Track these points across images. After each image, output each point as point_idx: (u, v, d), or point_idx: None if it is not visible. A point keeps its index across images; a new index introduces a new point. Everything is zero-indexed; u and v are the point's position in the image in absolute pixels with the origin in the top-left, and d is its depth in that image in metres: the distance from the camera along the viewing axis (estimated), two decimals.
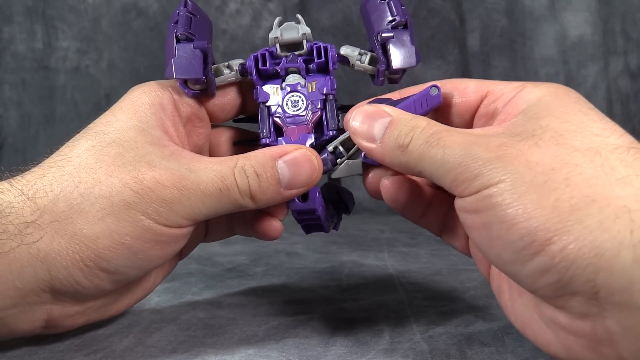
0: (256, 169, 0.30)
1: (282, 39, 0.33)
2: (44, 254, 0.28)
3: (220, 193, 0.30)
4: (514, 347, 0.31)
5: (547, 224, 0.23)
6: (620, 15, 0.84)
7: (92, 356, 0.31)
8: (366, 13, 0.34)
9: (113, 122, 0.31)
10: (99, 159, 0.29)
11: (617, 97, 0.85)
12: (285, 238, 0.62)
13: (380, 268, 0.50)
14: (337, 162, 0.32)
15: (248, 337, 0.33)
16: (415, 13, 0.84)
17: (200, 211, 0.30)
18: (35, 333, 0.31)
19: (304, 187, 0.31)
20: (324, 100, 0.33)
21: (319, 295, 0.42)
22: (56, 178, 0.29)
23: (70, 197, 0.29)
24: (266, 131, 0.32)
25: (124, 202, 0.28)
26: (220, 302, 0.41)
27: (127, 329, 0.35)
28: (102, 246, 0.28)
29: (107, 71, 0.87)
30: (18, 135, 0.87)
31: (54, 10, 0.87)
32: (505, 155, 0.24)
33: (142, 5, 0.87)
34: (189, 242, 0.36)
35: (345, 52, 0.33)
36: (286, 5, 0.85)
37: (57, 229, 0.28)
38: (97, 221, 0.28)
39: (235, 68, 0.33)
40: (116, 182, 0.29)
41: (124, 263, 0.29)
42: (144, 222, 0.29)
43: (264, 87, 0.33)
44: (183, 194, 0.29)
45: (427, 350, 0.31)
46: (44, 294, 0.29)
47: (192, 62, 0.31)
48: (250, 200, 0.30)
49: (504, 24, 0.85)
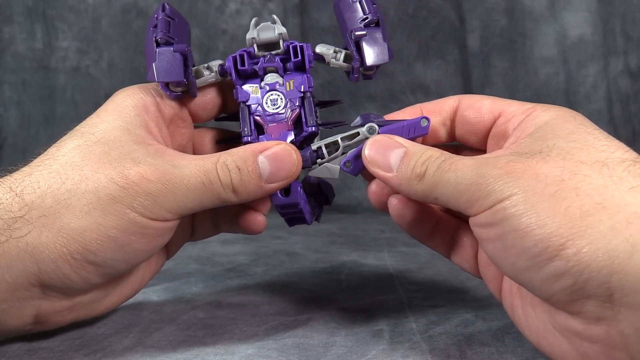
0: (238, 164, 0.31)
1: (259, 39, 0.33)
2: (32, 247, 0.29)
3: (203, 187, 0.30)
4: (514, 347, 0.31)
5: (560, 230, 0.23)
6: (620, 15, 0.84)
7: (92, 356, 0.31)
8: (339, 12, 0.35)
9: (98, 123, 0.32)
10: (85, 156, 0.30)
11: (617, 97, 0.85)
12: (285, 238, 0.62)
13: (380, 268, 0.50)
14: (317, 162, 0.33)
15: (248, 337, 0.33)
16: (415, 13, 0.84)
17: (184, 205, 0.30)
18: (25, 330, 0.32)
19: (284, 181, 0.32)
20: (302, 98, 0.33)
21: (319, 295, 0.42)
22: (43, 175, 0.30)
23: (58, 193, 0.29)
24: (247, 129, 0.33)
25: (110, 197, 0.29)
26: (220, 302, 0.41)
27: (127, 329, 0.35)
28: (89, 239, 0.29)
29: (107, 71, 0.87)
30: (18, 135, 0.87)
31: (54, 10, 0.87)
32: (514, 171, 0.26)
33: (142, 5, 0.87)
34: (176, 241, 0.37)
35: (320, 50, 0.34)
36: (286, 5, 0.85)
37: (45, 223, 0.29)
38: (84, 215, 0.29)
39: (214, 69, 0.34)
40: (102, 178, 0.30)
41: (110, 256, 0.30)
42: (130, 215, 0.29)
43: (243, 87, 0.34)
44: (167, 188, 0.30)
45: (427, 350, 0.31)
46: (33, 288, 0.30)
47: (173, 65, 0.32)
48: (232, 193, 0.31)
49: (504, 24, 0.85)
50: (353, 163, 0.32)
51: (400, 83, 0.83)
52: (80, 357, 0.31)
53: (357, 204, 0.81)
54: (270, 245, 0.60)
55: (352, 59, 0.33)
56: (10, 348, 0.32)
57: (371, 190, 0.33)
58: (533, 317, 0.27)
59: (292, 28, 0.86)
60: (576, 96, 0.84)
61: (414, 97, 0.82)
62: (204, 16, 0.86)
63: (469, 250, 0.33)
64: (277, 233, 0.64)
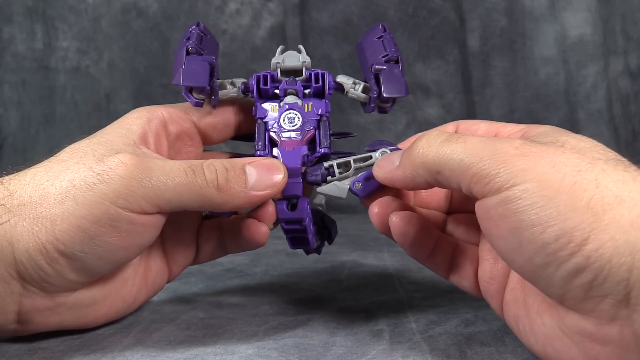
0: (225, 165, 0.31)
1: (284, 65, 0.35)
2: (10, 236, 0.29)
3: (185, 176, 0.30)
4: (514, 347, 0.31)
5: (582, 225, 0.23)
6: (621, 15, 0.84)
7: (92, 356, 0.31)
8: (361, 49, 0.37)
9: (99, 132, 0.33)
10: (72, 153, 0.31)
11: (617, 97, 0.85)
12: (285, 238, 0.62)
13: (380, 268, 0.50)
14: (327, 180, 0.33)
15: (248, 337, 0.33)
16: (415, 13, 0.84)
17: (162, 195, 0.29)
18: (8, 329, 0.31)
19: (269, 190, 0.31)
20: (318, 120, 0.34)
21: (319, 295, 0.42)
22: (31, 171, 0.31)
23: (39, 183, 0.30)
24: (261, 144, 0.34)
25: (85, 184, 0.29)
26: (220, 302, 0.41)
27: (127, 329, 0.35)
28: (59, 229, 0.29)
29: (107, 71, 0.87)
30: (18, 135, 0.87)
31: (54, 10, 0.87)
32: (530, 154, 0.25)
33: (142, 5, 0.87)
34: (179, 261, 0.37)
35: (340, 80, 0.35)
36: (286, 5, 0.85)
37: (22, 212, 0.29)
38: (57, 204, 0.29)
39: (238, 85, 0.35)
40: (82, 167, 0.30)
41: (80, 247, 0.29)
42: (102, 205, 0.29)
43: (262, 105, 0.35)
44: (145, 174, 0.29)
45: (427, 350, 0.31)
46: (13, 281, 0.29)
47: (199, 71, 0.33)
48: (215, 190, 0.30)
49: (504, 24, 0.85)
50: (362, 184, 0.33)
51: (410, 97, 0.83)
52: (80, 357, 0.31)
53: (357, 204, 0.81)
54: (270, 245, 0.60)
55: (370, 89, 0.35)
56: (10, 348, 0.32)
57: (373, 212, 0.33)
58: (539, 324, 0.27)
59: (292, 28, 0.86)
60: (576, 96, 0.84)
61: (414, 97, 0.82)
62: (204, 16, 0.86)
63: (469, 268, 0.32)
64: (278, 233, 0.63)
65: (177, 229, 0.35)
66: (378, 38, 0.36)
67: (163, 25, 0.87)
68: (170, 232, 0.36)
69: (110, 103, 0.87)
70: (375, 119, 0.82)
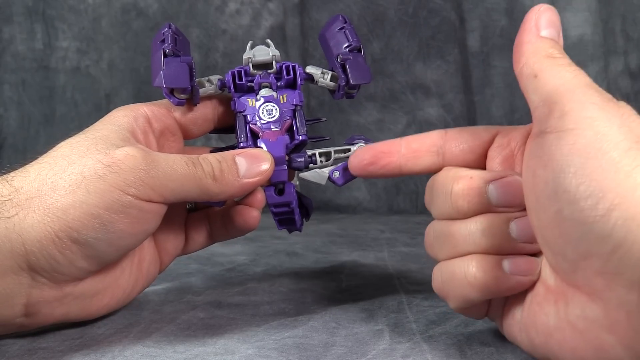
0: (218, 158, 0.34)
1: (255, 59, 0.37)
2: (19, 228, 0.30)
3: (186, 168, 0.32)
4: (514, 347, 0.31)
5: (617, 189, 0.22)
6: (621, 15, 0.84)
7: (92, 356, 0.31)
8: (325, 40, 0.40)
9: (90, 129, 0.34)
10: (74, 149, 0.32)
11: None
12: (285, 238, 0.62)
13: (380, 268, 0.50)
14: (310, 167, 0.37)
15: (248, 337, 0.34)
16: (415, 13, 0.84)
17: (167, 185, 0.32)
18: (15, 323, 0.32)
19: (259, 177, 0.34)
20: (294, 110, 0.37)
21: (319, 295, 0.42)
22: (35, 168, 0.32)
23: (46, 177, 0.31)
24: (244, 137, 0.36)
25: (95, 175, 0.30)
26: (220, 302, 0.41)
27: (127, 329, 0.35)
28: (72, 217, 0.30)
29: (107, 71, 0.87)
30: (18, 135, 0.87)
31: (54, 10, 0.87)
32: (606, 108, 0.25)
33: (142, 5, 0.87)
34: (169, 250, 0.39)
35: (310, 70, 0.38)
36: (286, 5, 0.85)
37: (31, 204, 0.30)
38: (68, 194, 0.30)
39: (214, 82, 0.37)
40: (89, 160, 0.31)
41: (93, 234, 0.30)
42: (114, 193, 0.30)
43: (240, 99, 0.37)
44: (152, 166, 0.31)
45: (427, 350, 0.31)
46: (22, 272, 0.30)
47: (179, 73, 0.35)
48: (212, 181, 0.33)
49: (504, 24, 0.85)
50: (341, 174, 0.36)
51: (400, 83, 0.82)
52: (80, 357, 0.31)
53: (357, 204, 0.81)
54: (270, 245, 0.60)
55: (338, 78, 0.37)
56: (10, 348, 0.32)
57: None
58: (541, 317, 0.27)
59: (292, 28, 0.86)
60: None
61: (413, 97, 0.82)
62: (204, 16, 0.86)
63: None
64: (277, 233, 0.64)
65: (166, 220, 0.36)
66: (340, 29, 0.39)
67: None
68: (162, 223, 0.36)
69: (110, 103, 0.87)
70: (375, 119, 0.82)
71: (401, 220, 0.74)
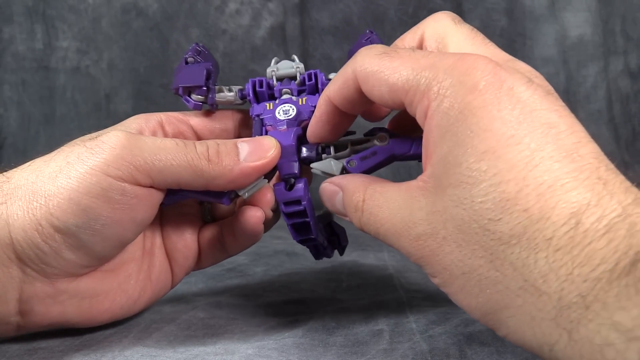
0: (217, 141, 0.32)
1: (278, 73, 0.36)
2: (6, 216, 0.29)
3: (175, 147, 0.30)
4: (514, 347, 0.31)
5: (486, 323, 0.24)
6: (620, 15, 0.84)
7: (92, 356, 0.31)
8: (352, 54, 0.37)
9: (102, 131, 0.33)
10: (72, 144, 0.31)
11: (617, 97, 0.85)
12: (285, 238, 0.62)
13: (380, 268, 0.50)
14: (322, 157, 0.33)
15: (248, 337, 0.34)
16: (415, 13, 0.84)
17: (153, 164, 0.30)
18: (11, 322, 0.31)
19: (261, 161, 0.31)
20: (313, 112, 0.34)
21: (319, 295, 0.42)
22: (32, 161, 0.32)
23: (35, 166, 0.31)
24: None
25: (77, 159, 0.30)
26: (220, 302, 0.41)
27: (127, 329, 0.35)
28: (52, 204, 0.29)
29: (107, 71, 0.87)
30: (18, 135, 0.87)
31: (54, 10, 0.87)
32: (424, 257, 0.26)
33: (142, 5, 0.87)
34: (182, 263, 0.36)
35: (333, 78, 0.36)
36: (286, 5, 0.85)
37: (18, 193, 0.30)
38: (51, 180, 0.30)
39: (234, 90, 0.36)
40: (76, 147, 0.30)
41: (73, 221, 0.29)
42: (94, 176, 0.29)
43: (258, 105, 0.36)
44: (136, 144, 0.30)
45: (426, 350, 0.31)
46: (12, 264, 0.29)
47: (195, 73, 0.35)
48: (206, 162, 0.30)
49: (504, 24, 0.85)
50: (357, 163, 0.32)
51: None
52: (80, 357, 0.31)
53: None
54: (270, 246, 0.60)
55: None
56: (10, 348, 0.32)
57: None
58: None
59: (292, 28, 0.86)
60: (576, 96, 0.84)
61: None
62: (204, 16, 0.86)
63: None
64: (277, 233, 0.64)
65: (178, 229, 0.36)
66: (366, 40, 0.38)
67: (163, 25, 0.87)
68: (171, 231, 0.36)
69: (110, 103, 0.87)
70: None
71: None
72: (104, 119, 0.85)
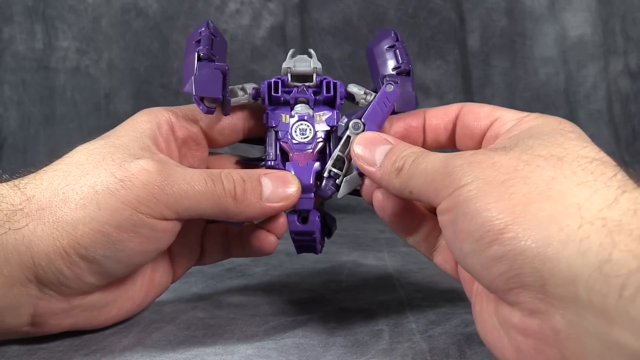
0: (242, 176, 0.32)
1: (295, 70, 0.35)
2: (28, 240, 0.29)
3: (205, 185, 0.31)
4: None
5: (501, 215, 0.24)
6: (620, 15, 0.84)
7: (92, 356, 0.31)
8: (372, 56, 0.37)
9: (111, 134, 0.33)
10: (90, 157, 0.31)
11: (617, 97, 0.85)
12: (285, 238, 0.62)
13: (380, 268, 0.50)
14: (337, 184, 0.34)
15: (247, 337, 0.33)
16: (415, 13, 0.84)
17: (182, 203, 0.30)
18: (21, 331, 0.31)
19: (283, 203, 0.33)
20: (329, 132, 0.35)
21: (319, 295, 0.42)
22: (48, 174, 0.31)
23: (58, 188, 0.30)
24: (272, 154, 0.34)
25: (107, 190, 0.29)
26: (220, 302, 0.41)
27: (126, 329, 0.35)
28: (81, 233, 0.29)
29: (107, 71, 0.87)
30: (18, 135, 0.87)
31: (54, 10, 0.87)
32: (475, 161, 0.26)
33: (142, 5, 0.87)
34: (183, 263, 0.37)
35: (352, 90, 0.36)
36: (286, 5, 0.85)
37: (42, 216, 0.29)
38: (79, 209, 0.29)
39: (248, 91, 0.35)
40: (102, 172, 0.30)
41: (102, 252, 0.29)
42: (125, 211, 0.29)
43: (273, 113, 0.35)
44: (167, 181, 0.30)
45: (426, 350, 0.31)
46: (30, 284, 0.29)
47: (212, 81, 0.33)
48: (232, 200, 0.31)
49: (504, 24, 0.85)
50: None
51: None
52: (80, 357, 0.31)
53: (357, 204, 0.81)
54: None
55: None
56: (10, 348, 0.32)
57: (364, 190, 0.34)
58: (485, 313, 0.28)
59: (292, 28, 0.86)
60: (576, 96, 0.84)
61: None
62: (204, 16, 0.86)
63: (449, 251, 0.33)
64: None
65: (182, 232, 0.36)
66: (390, 47, 0.36)
67: (163, 25, 0.87)
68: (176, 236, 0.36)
69: (110, 103, 0.87)
70: None
71: None
72: (104, 119, 0.85)
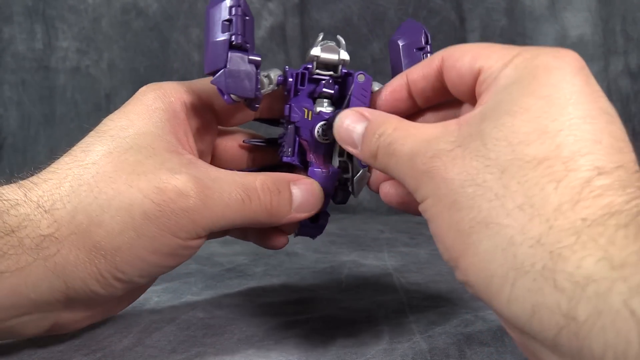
0: (277, 186, 0.31)
1: (322, 59, 0.33)
2: (61, 267, 0.28)
3: (242, 204, 0.30)
4: (514, 347, 0.31)
5: (454, 245, 0.24)
6: (621, 15, 0.84)
7: (92, 356, 0.31)
8: (397, 51, 0.35)
9: (128, 127, 0.30)
10: (117, 166, 0.29)
11: (617, 97, 0.85)
12: None
13: (380, 268, 0.50)
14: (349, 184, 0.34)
15: (248, 337, 0.33)
16: (416, 13, 0.84)
17: (218, 222, 0.30)
18: (38, 335, 0.31)
19: (308, 213, 0.32)
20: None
21: (319, 295, 0.42)
22: (74, 189, 0.28)
23: (89, 209, 0.28)
24: (291, 151, 0.33)
25: (144, 215, 0.28)
26: (220, 302, 0.41)
27: (126, 329, 0.35)
28: (119, 259, 0.28)
29: (107, 71, 0.87)
30: (18, 135, 0.87)
31: (54, 10, 0.87)
32: (431, 170, 0.25)
33: (142, 5, 0.87)
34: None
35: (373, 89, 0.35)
36: (286, 5, 0.85)
37: (75, 241, 0.28)
38: (117, 235, 0.28)
39: (274, 80, 0.33)
40: (136, 193, 0.28)
41: (138, 274, 0.29)
42: (164, 237, 0.28)
43: (296, 107, 0.34)
44: (206, 205, 0.29)
45: (426, 350, 0.31)
46: (59, 304, 0.29)
47: (246, 78, 0.30)
48: (267, 214, 0.31)
49: (504, 24, 0.85)
50: None
51: None
52: (79, 357, 0.31)
53: (357, 204, 0.81)
54: None
55: None
56: (10, 348, 0.32)
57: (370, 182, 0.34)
58: None
59: (292, 28, 0.86)
60: None
61: None
62: (204, 16, 0.86)
63: None
64: None
65: None
66: (419, 49, 0.35)
67: (163, 25, 0.87)
68: None
69: (110, 103, 0.87)
70: None
71: (401, 220, 0.74)
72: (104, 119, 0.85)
